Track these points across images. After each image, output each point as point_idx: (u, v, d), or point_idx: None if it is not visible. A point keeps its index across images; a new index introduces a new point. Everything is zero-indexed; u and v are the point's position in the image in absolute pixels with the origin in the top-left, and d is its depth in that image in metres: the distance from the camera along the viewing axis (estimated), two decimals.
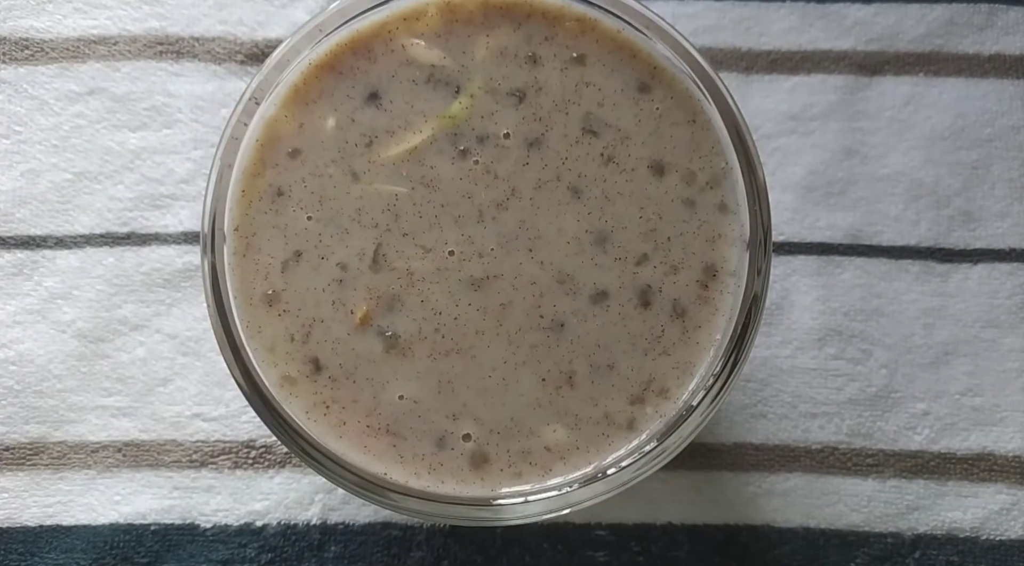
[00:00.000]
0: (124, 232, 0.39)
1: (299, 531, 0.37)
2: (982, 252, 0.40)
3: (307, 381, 0.29)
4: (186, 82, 0.39)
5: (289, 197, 0.29)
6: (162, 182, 0.39)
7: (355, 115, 0.29)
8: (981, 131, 0.40)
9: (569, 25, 0.30)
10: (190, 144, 0.39)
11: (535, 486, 0.29)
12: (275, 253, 0.29)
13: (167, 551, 0.37)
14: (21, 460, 0.37)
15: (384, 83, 0.30)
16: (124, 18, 0.40)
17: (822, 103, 0.40)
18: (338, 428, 0.29)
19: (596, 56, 0.30)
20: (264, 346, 0.29)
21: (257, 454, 0.37)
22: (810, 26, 0.41)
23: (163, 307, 0.38)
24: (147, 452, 0.37)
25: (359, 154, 0.29)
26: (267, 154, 0.29)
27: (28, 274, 0.38)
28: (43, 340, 0.38)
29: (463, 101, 0.30)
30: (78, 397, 0.38)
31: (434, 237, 0.29)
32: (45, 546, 0.37)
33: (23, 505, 0.37)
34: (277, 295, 0.29)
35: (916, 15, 0.41)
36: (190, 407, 0.38)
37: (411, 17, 0.30)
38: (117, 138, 0.39)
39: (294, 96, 0.29)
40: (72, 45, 0.40)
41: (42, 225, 0.39)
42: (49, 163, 0.39)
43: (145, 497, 0.37)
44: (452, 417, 0.29)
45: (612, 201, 0.30)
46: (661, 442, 0.29)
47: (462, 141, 0.30)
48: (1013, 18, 0.41)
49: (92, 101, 0.39)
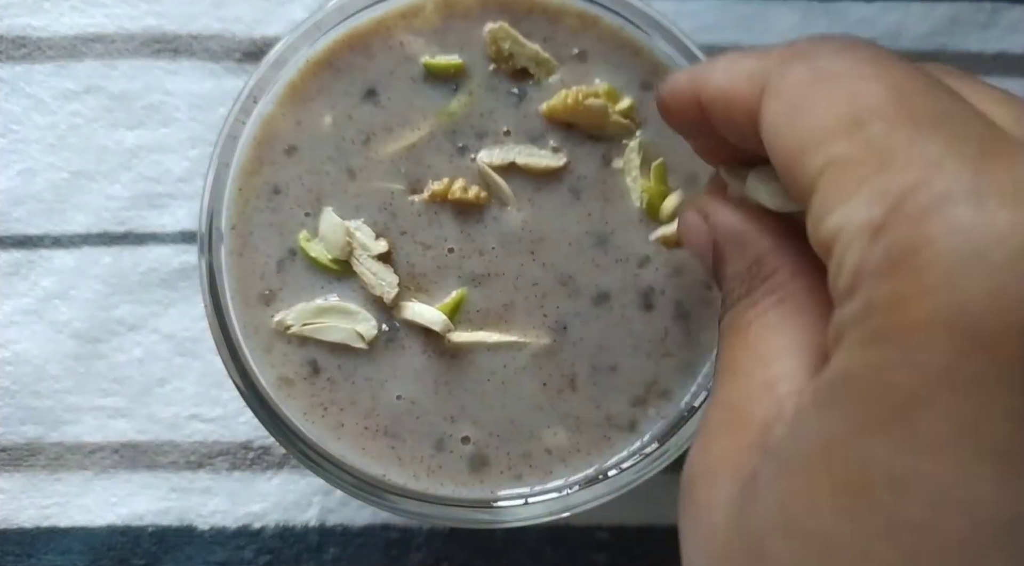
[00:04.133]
0: (121, 231, 0.39)
1: (297, 533, 0.37)
2: None
3: (305, 383, 0.29)
4: (183, 80, 0.39)
5: (286, 195, 0.29)
6: (159, 181, 0.39)
7: (353, 112, 0.29)
8: None
9: (569, 22, 0.30)
10: (187, 142, 0.39)
11: (535, 488, 0.29)
12: (271, 252, 0.29)
13: (164, 553, 0.36)
14: (17, 461, 0.37)
15: (382, 80, 0.29)
16: (121, 16, 0.40)
17: None
18: (336, 430, 0.29)
19: (597, 53, 0.30)
20: (261, 346, 0.29)
21: (255, 455, 0.37)
22: (813, 24, 0.41)
23: (160, 307, 0.38)
24: (144, 453, 0.37)
25: (356, 151, 0.29)
26: (264, 152, 0.29)
27: (24, 274, 0.38)
28: (39, 340, 0.38)
29: (462, 98, 0.29)
30: (75, 398, 0.37)
31: (433, 234, 0.29)
32: (42, 548, 0.36)
33: (19, 506, 0.37)
34: (274, 294, 0.29)
35: (919, 13, 0.41)
36: (187, 408, 0.37)
37: (409, 14, 0.29)
38: (114, 137, 0.39)
39: (291, 93, 0.29)
40: (69, 43, 0.40)
41: (38, 224, 0.39)
42: (45, 162, 0.39)
43: (142, 498, 0.37)
44: (451, 420, 0.29)
45: (612, 202, 0.29)
46: (663, 444, 0.29)
47: (461, 138, 0.29)
48: (1017, 16, 0.41)
49: (89, 99, 0.39)
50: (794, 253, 0.21)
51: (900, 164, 0.16)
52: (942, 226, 0.15)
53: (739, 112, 0.20)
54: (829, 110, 0.17)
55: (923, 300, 0.15)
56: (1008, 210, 0.15)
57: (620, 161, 0.29)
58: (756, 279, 0.21)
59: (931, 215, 0.15)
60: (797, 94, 0.18)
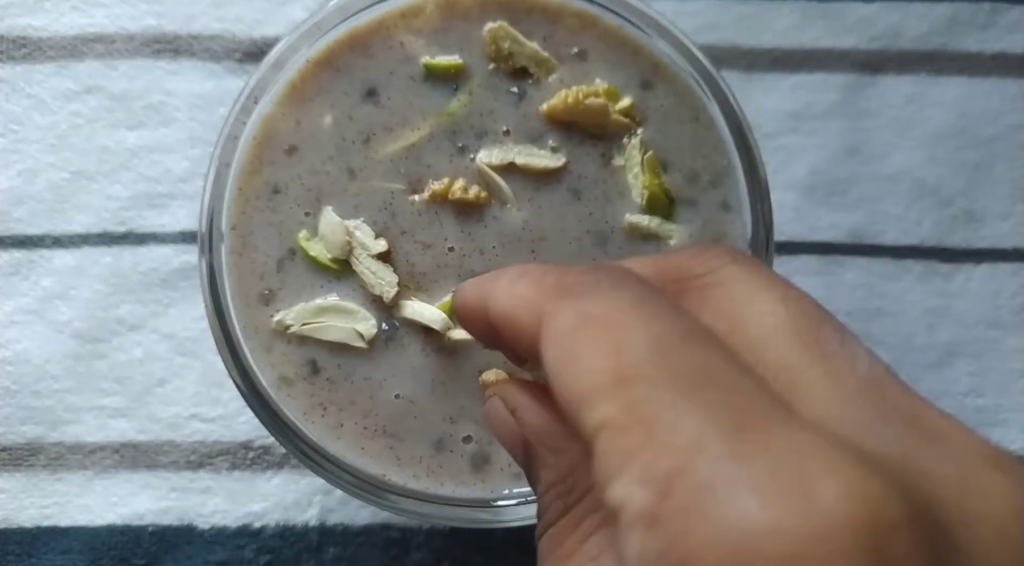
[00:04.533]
0: (121, 231, 0.39)
1: (297, 532, 0.37)
2: (985, 252, 0.39)
3: (305, 382, 0.29)
4: (184, 80, 0.39)
5: (286, 195, 0.29)
6: (159, 181, 0.39)
7: (352, 112, 0.29)
8: (984, 130, 0.40)
9: (569, 21, 0.30)
10: (187, 143, 0.39)
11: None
12: (271, 251, 0.29)
13: (165, 553, 0.36)
14: (18, 461, 0.37)
15: (382, 80, 0.29)
16: (121, 16, 0.40)
17: (824, 102, 0.40)
18: (336, 429, 0.29)
19: (597, 53, 0.30)
20: (261, 346, 0.29)
21: (255, 455, 0.37)
22: (812, 24, 0.41)
23: (160, 307, 0.38)
24: (144, 453, 0.37)
25: (356, 151, 0.29)
26: (264, 152, 0.29)
27: (25, 274, 0.38)
28: (40, 340, 0.38)
29: (462, 98, 0.29)
30: (75, 397, 0.37)
31: (433, 234, 0.29)
32: (42, 547, 0.36)
33: (20, 506, 0.37)
34: (274, 294, 0.29)
35: (919, 13, 0.41)
36: (188, 408, 0.37)
37: (409, 14, 0.29)
38: (114, 137, 0.39)
39: (292, 93, 0.29)
40: (69, 43, 0.40)
41: (39, 224, 0.39)
42: (46, 162, 0.39)
43: (142, 498, 0.37)
44: (451, 419, 0.29)
45: (613, 201, 0.29)
46: None
47: (461, 138, 0.29)
48: (1016, 17, 0.41)
49: (89, 99, 0.39)
50: None
51: (663, 440, 0.16)
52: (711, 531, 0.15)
53: (524, 338, 0.20)
54: (594, 364, 0.17)
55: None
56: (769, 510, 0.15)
57: (620, 159, 0.29)
58: (572, 495, 0.21)
59: (697, 515, 0.15)
60: (566, 341, 0.18)
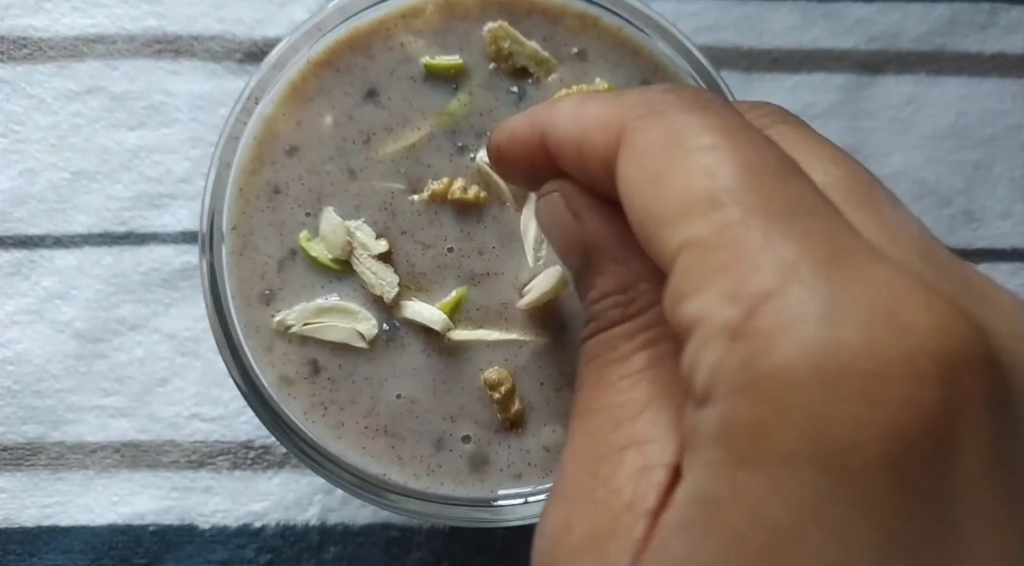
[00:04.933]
0: (122, 232, 0.39)
1: (298, 532, 0.37)
2: (984, 252, 0.39)
3: (305, 382, 0.29)
4: (184, 81, 0.39)
5: (286, 195, 0.29)
6: (160, 181, 0.39)
7: (353, 112, 0.29)
8: (983, 130, 0.40)
9: (569, 22, 0.30)
10: (188, 143, 0.39)
11: (535, 487, 0.29)
12: (272, 251, 0.29)
13: (165, 552, 0.37)
14: (19, 460, 0.37)
15: (382, 80, 0.29)
16: (122, 17, 0.40)
17: (824, 102, 0.40)
18: (336, 429, 0.29)
19: (597, 53, 0.30)
20: (262, 346, 0.29)
21: (256, 455, 0.37)
22: (812, 24, 0.41)
23: (161, 307, 0.38)
24: (145, 452, 0.37)
25: (356, 151, 0.29)
26: (265, 152, 0.29)
27: (26, 274, 0.38)
28: (41, 340, 0.38)
29: (462, 98, 0.30)
30: (76, 397, 0.38)
31: (433, 234, 0.29)
32: (43, 547, 0.37)
33: (21, 506, 0.37)
34: (274, 294, 0.29)
35: (918, 14, 0.41)
36: (188, 407, 0.38)
37: (409, 14, 0.29)
38: (115, 137, 0.39)
39: (292, 94, 0.29)
40: (70, 44, 0.40)
41: (40, 224, 0.39)
42: (47, 162, 0.39)
43: (143, 498, 0.37)
44: (451, 419, 0.29)
45: None
46: None
47: (461, 138, 0.29)
48: (1015, 17, 0.41)
49: (90, 100, 0.39)
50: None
51: (754, 263, 0.16)
52: (798, 348, 0.15)
53: (594, 162, 0.20)
54: (686, 184, 0.17)
55: (786, 431, 0.15)
56: (863, 334, 0.15)
57: None
58: (632, 307, 0.20)
59: (787, 333, 0.15)
60: (654, 160, 0.18)
